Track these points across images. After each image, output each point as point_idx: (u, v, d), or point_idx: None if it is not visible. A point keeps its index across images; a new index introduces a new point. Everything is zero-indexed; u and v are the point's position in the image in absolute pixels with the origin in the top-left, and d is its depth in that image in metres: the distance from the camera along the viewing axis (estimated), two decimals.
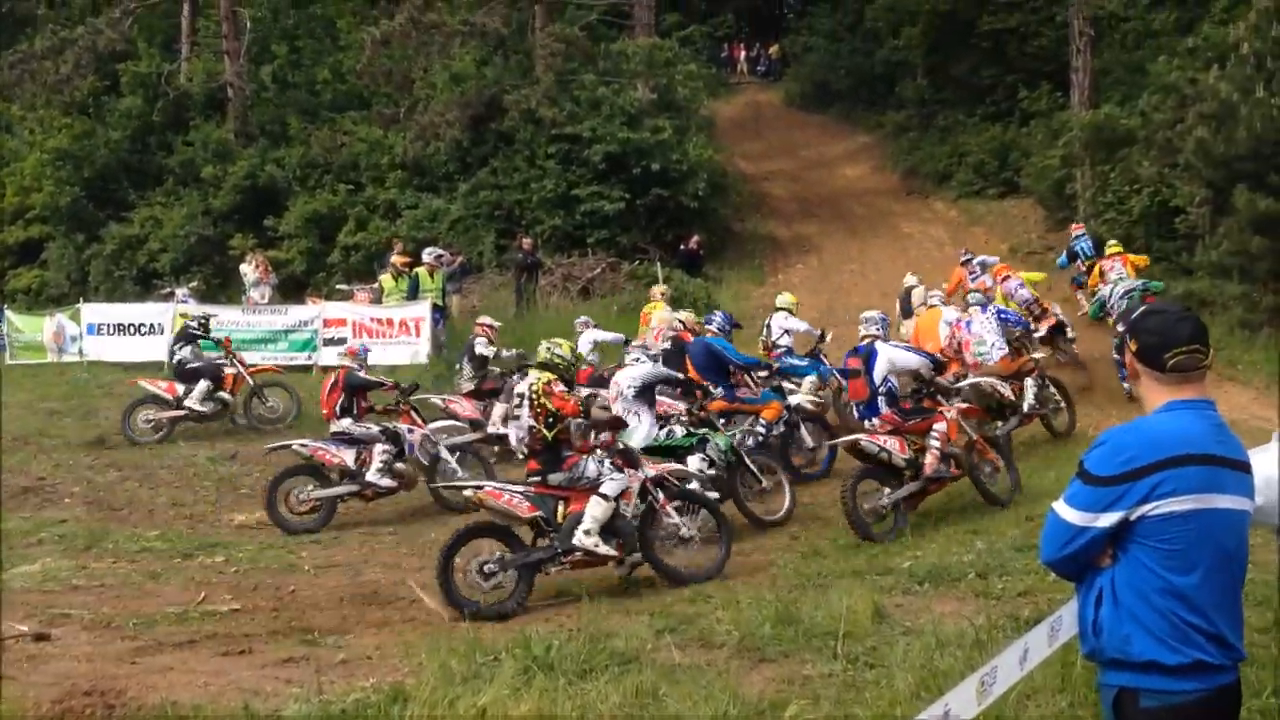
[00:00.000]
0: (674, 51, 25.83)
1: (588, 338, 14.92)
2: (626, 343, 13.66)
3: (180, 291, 20.32)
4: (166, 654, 6.89)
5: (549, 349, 8.78)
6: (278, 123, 26.51)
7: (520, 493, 8.17)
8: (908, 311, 15.94)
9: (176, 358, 15.11)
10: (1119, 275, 15.26)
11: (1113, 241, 16.85)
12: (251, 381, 15.08)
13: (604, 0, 26.55)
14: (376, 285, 18.89)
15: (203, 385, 14.54)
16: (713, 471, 10.02)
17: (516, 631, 6.78)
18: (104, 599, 8.34)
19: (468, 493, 8.42)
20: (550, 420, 8.20)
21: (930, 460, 9.72)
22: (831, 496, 11.06)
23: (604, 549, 8.09)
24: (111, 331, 18.90)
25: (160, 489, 12.68)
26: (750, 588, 7.89)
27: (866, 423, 10.04)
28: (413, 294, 18.00)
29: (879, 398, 9.93)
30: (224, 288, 23.47)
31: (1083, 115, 22.33)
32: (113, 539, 10.42)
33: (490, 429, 13.26)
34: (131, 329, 18.88)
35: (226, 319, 17.87)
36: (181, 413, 14.60)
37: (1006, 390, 12.05)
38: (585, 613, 7.26)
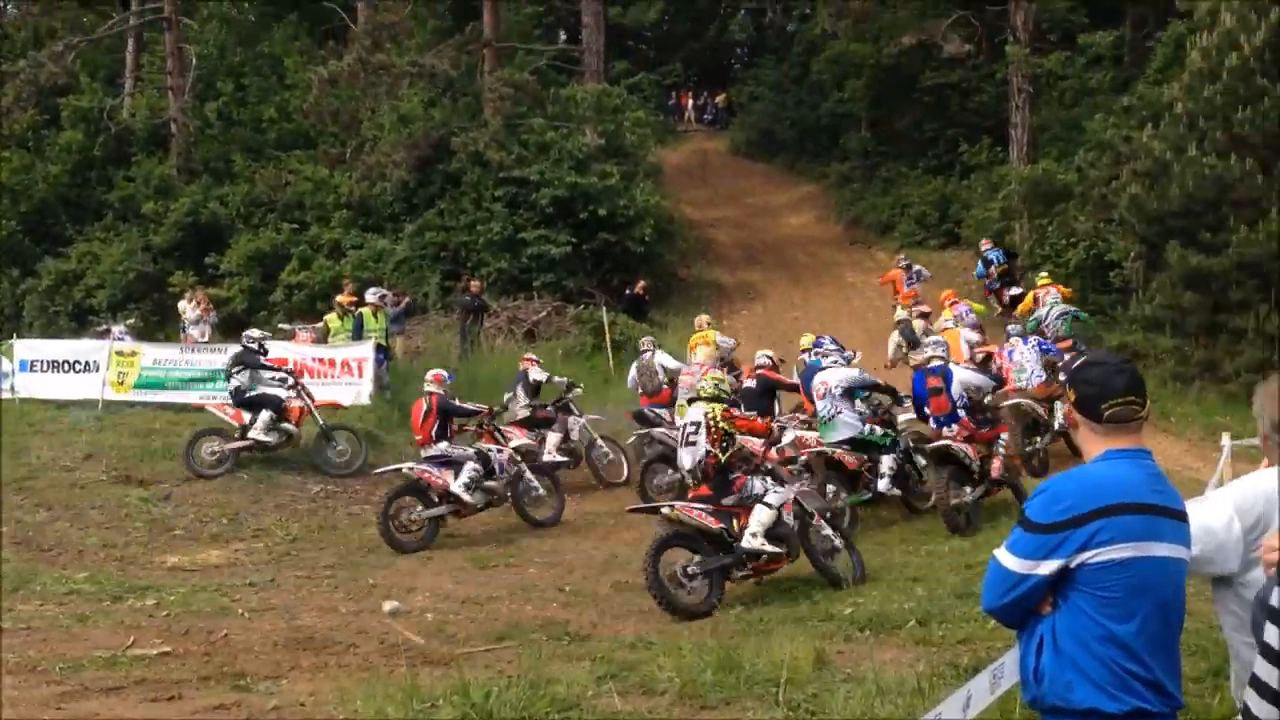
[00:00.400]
0: (622, 98, 26.09)
1: (657, 361, 15.30)
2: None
3: (117, 329, 19.92)
4: (93, 700, 6.68)
5: (715, 384, 9.77)
6: (222, 160, 26.30)
7: (706, 510, 9.09)
8: (914, 342, 16.74)
9: (234, 384, 14.59)
10: (1054, 299, 16.77)
11: (1044, 273, 18.65)
12: (321, 422, 14.73)
13: (553, 47, 26.76)
14: (321, 324, 18.71)
15: (265, 415, 14.13)
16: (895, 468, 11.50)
17: (455, 678, 6.67)
18: (30, 642, 8.08)
19: (665, 510, 9.35)
20: (725, 444, 9.26)
21: (996, 465, 11.42)
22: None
23: (770, 548, 8.97)
24: (45, 368, 18.44)
25: (91, 529, 12.37)
26: (692, 633, 7.85)
27: (944, 430, 11.50)
28: (357, 334, 17.85)
29: (958, 410, 11.50)
30: (162, 325, 23.11)
31: (1021, 170, 22.83)
32: (41, 580, 10.14)
33: (546, 458, 14.05)
34: (66, 366, 18.44)
35: (163, 357, 17.56)
36: (246, 443, 14.16)
37: (1041, 410, 13.52)
38: (525, 659, 7.16)
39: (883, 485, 11.38)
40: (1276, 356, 14.87)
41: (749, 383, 13.56)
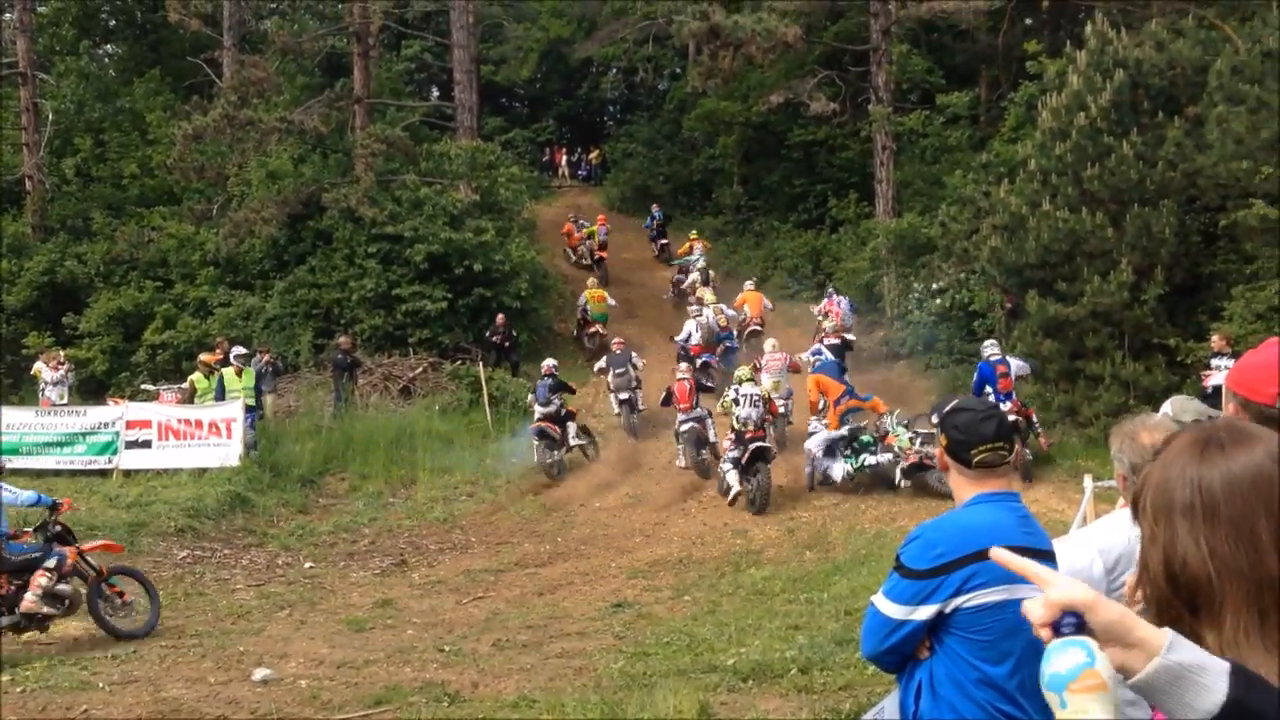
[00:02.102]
0: (496, 154, 26.12)
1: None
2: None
3: None
4: None
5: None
6: (80, 217, 25.46)
7: None
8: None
9: None
10: (700, 251, 22.93)
11: (693, 232, 26.86)
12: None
13: (426, 103, 26.70)
14: (187, 385, 18.15)
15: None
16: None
17: None
18: None
19: None
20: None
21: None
22: (656, 595, 11.08)
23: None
24: None
25: None
26: (576, 690, 7.76)
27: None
28: (220, 394, 17.38)
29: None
30: (15, 388, 22.10)
31: (887, 223, 23.52)
32: None
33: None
34: None
35: (18, 420, 16.82)
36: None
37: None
38: (405, 716, 6.99)
39: None
40: (1132, 400, 15.53)
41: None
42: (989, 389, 15.17)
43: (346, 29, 25.85)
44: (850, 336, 19.50)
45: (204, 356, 18.41)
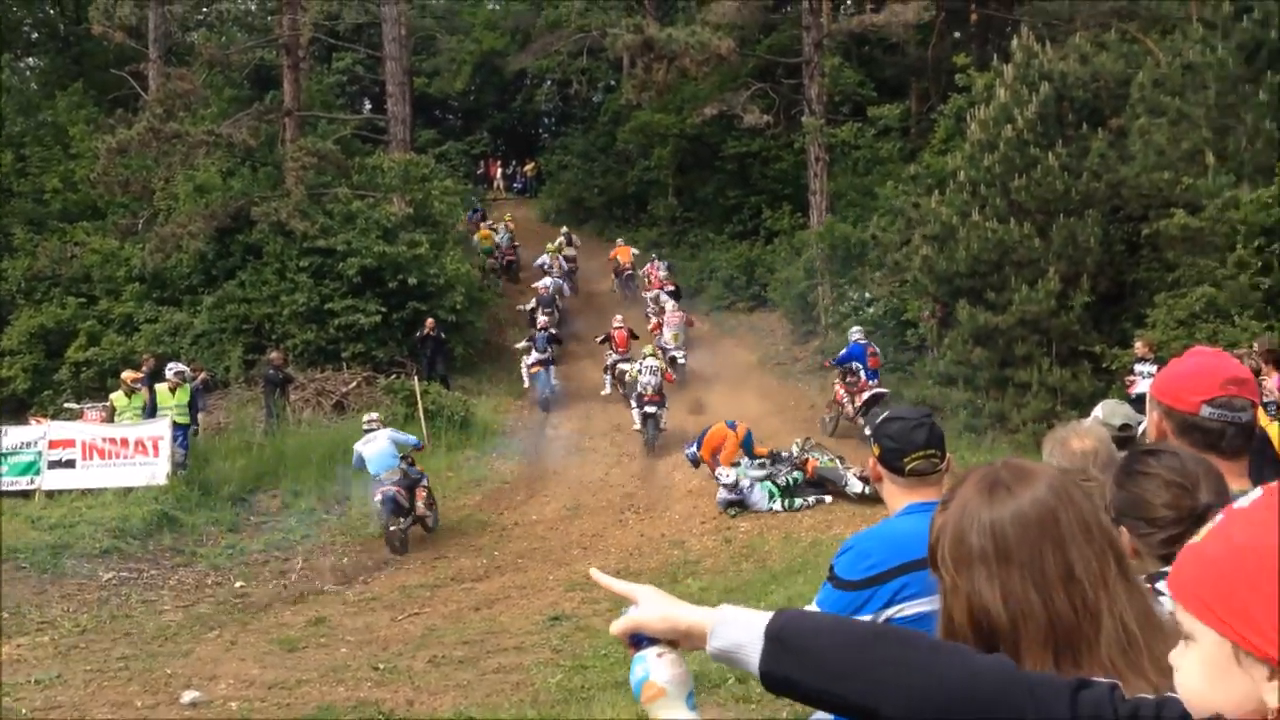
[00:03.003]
0: (430, 167, 25.94)
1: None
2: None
3: None
4: None
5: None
6: (1, 233, 24.82)
7: None
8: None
9: None
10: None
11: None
12: None
13: (357, 116, 26.46)
14: (108, 404, 17.73)
15: None
16: None
17: None
18: None
19: None
20: None
21: None
22: (594, 608, 11.03)
23: None
24: None
25: None
26: (513, 705, 7.69)
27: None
28: (151, 413, 17.01)
29: None
30: None
31: (819, 229, 23.74)
32: None
33: None
34: None
35: None
36: None
37: None
38: None
39: None
40: (1059, 407, 15.79)
41: None
42: (857, 364, 17.65)
43: (276, 41, 25.52)
44: (671, 287, 24.62)
45: (126, 374, 17.97)
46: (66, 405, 19.83)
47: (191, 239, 22.12)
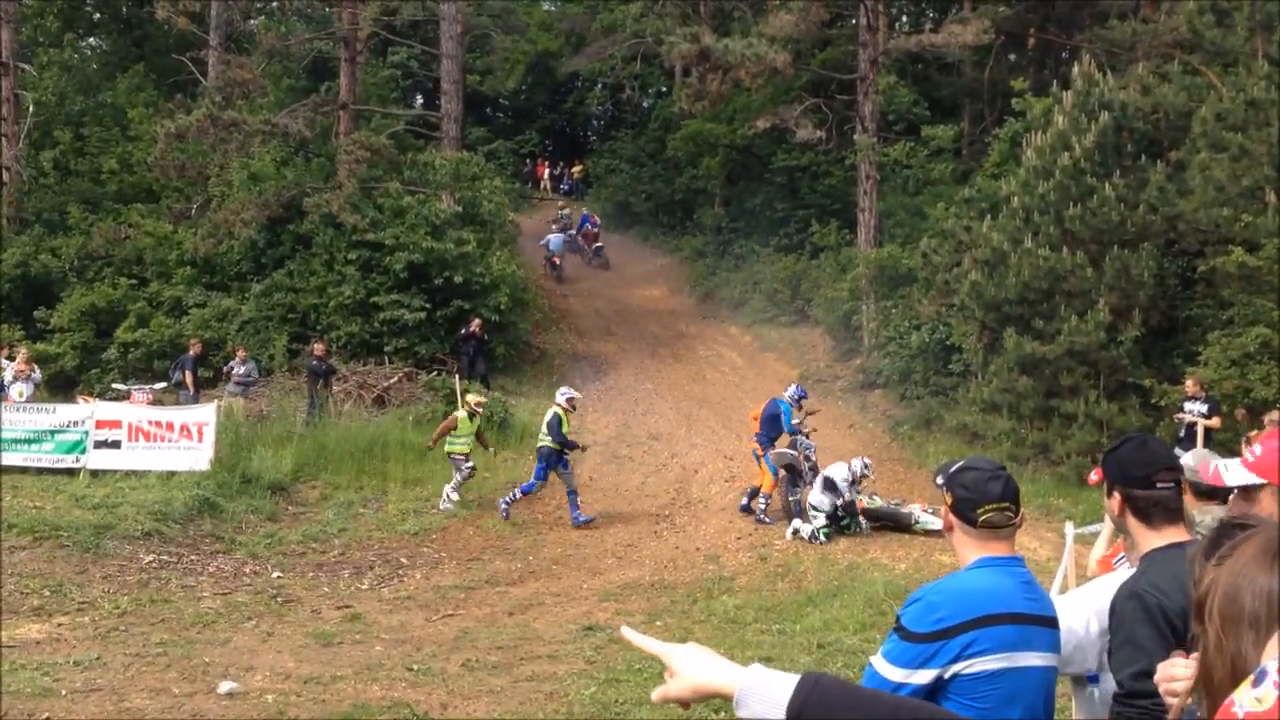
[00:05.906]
0: (480, 165, 26.07)
1: None
2: None
3: None
4: None
5: None
6: (57, 211, 25.20)
7: None
8: None
9: None
10: None
11: None
12: None
13: (411, 111, 26.61)
14: (160, 385, 17.92)
15: None
16: None
17: None
18: None
19: None
20: None
21: None
22: (628, 619, 11.01)
23: None
24: None
25: None
26: (547, 716, 7.70)
27: None
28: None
29: None
30: None
31: (868, 252, 23.60)
32: None
33: None
34: None
35: None
36: None
37: None
38: None
39: None
40: (1105, 440, 15.62)
41: None
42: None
43: (334, 33, 25.74)
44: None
45: (471, 397, 17.25)
46: (115, 385, 20.09)
47: (244, 226, 22.38)
